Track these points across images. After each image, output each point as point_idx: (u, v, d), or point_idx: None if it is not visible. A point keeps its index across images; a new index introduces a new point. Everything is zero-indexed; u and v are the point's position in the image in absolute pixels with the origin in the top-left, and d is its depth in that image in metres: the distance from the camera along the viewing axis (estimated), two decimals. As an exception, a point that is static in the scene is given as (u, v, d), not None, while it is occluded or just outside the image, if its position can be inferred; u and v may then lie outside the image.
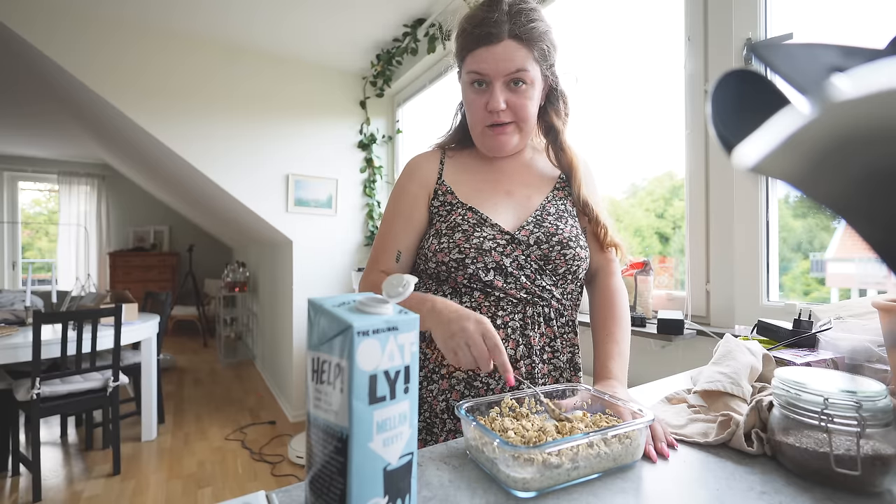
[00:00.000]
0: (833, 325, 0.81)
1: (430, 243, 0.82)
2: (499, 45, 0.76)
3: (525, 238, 0.80)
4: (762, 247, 1.31)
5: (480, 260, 0.78)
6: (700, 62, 1.45)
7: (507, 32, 0.75)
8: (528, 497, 0.47)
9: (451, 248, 0.79)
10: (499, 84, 0.78)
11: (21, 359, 2.19)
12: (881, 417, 0.47)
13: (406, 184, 0.88)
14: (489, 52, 0.76)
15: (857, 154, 0.19)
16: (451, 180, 0.87)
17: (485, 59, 0.77)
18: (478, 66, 0.77)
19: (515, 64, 0.76)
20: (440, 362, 0.80)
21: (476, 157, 0.90)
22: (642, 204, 1.94)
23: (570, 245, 0.81)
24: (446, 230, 0.81)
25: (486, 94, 0.79)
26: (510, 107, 0.79)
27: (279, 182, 3.08)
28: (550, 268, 0.80)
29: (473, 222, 0.80)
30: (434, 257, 0.80)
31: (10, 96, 3.88)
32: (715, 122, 0.28)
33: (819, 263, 1.31)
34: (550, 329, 0.82)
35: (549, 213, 0.84)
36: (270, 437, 2.92)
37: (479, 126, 0.83)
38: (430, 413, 0.79)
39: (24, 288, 2.97)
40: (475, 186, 0.86)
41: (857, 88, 0.18)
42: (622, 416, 0.59)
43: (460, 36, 0.81)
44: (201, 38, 2.84)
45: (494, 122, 0.81)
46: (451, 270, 0.79)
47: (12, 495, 2.25)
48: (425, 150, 0.94)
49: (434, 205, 0.86)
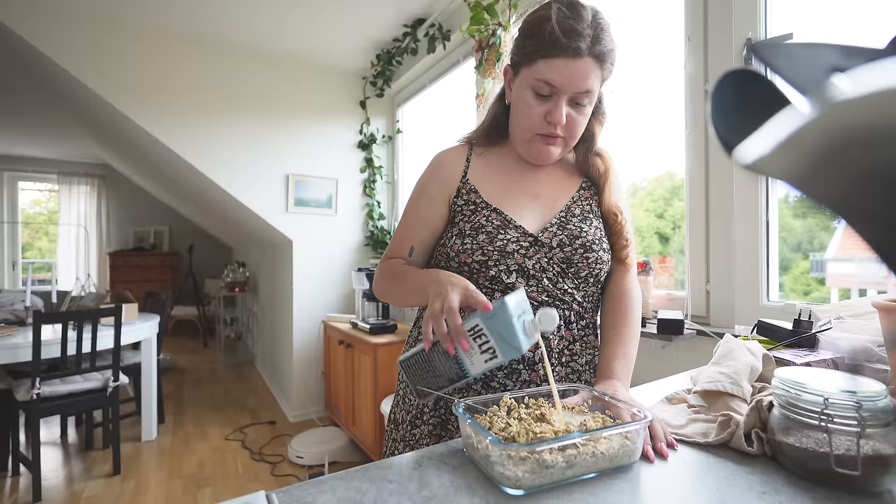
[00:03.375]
0: (833, 325, 0.81)
1: (452, 242, 0.81)
2: (579, 60, 0.72)
3: (548, 240, 0.79)
4: (762, 247, 1.31)
5: (503, 262, 0.77)
6: (700, 62, 1.45)
7: (587, 50, 0.72)
8: (522, 495, 0.47)
9: (475, 249, 0.78)
10: (565, 98, 0.75)
11: (21, 359, 2.19)
12: (881, 417, 0.47)
13: (429, 180, 0.87)
14: (568, 65, 0.72)
15: (858, 154, 0.19)
16: (476, 179, 0.85)
17: (560, 72, 0.73)
18: (552, 77, 0.73)
19: (588, 84, 0.74)
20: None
21: (505, 157, 0.88)
22: (642, 204, 1.94)
23: (593, 248, 0.80)
24: (470, 231, 0.80)
25: (549, 105, 0.76)
26: (567, 122, 0.77)
27: (279, 182, 3.08)
28: (573, 271, 0.79)
29: (497, 224, 0.79)
30: (457, 257, 0.80)
31: (10, 96, 3.88)
32: (715, 122, 0.28)
33: (819, 263, 1.31)
34: (570, 332, 0.81)
35: (574, 214, 0.83)
36: (270, 437, 2.92)
37: (529, 133, 0.80)
38: (447, 411, 0.80)
39: (24, 288, 2.97)
40: (501, 187, 0.85)
41: (858, 88, 0.18)
42: (621, 417, 0.59)
43: (536, 36, 0.74)
44: (201, 38, 2.84)
45: (549, 133, 0.78)
46: (473, 272, 0.79)
47: (12, 495, 2.25)
48: (452, 146, 0.92)
49: (457, 203, 0.84)
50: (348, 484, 0.49)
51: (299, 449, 2.60)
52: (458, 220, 0.83)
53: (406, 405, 0.85)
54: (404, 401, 0.86)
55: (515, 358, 0.69)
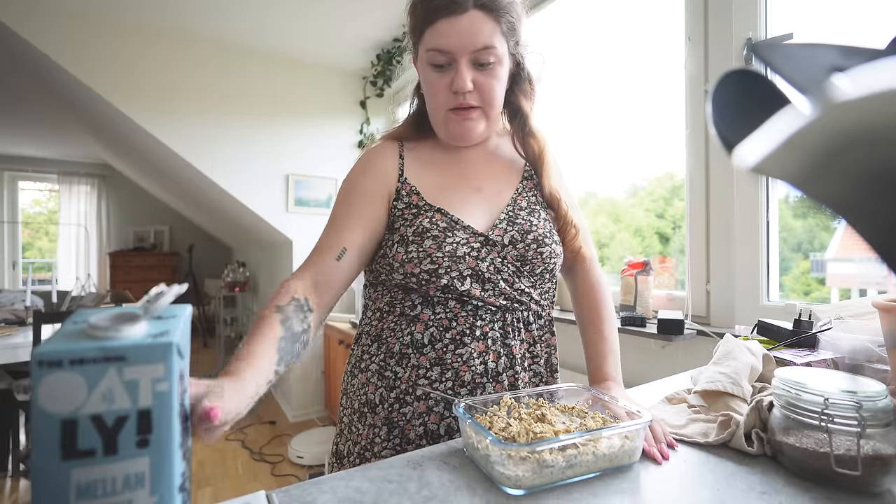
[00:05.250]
0: (833, 325, 0.81)
1: (395, 252, 0.72)
2: (463, 15, 0.66)
3: (499, 238, 0.73)
4: (762, 247, 1.31)
5: (455, 268, 0.70)
6: (700, 62, 1.45)
7: (472, 2, 0.66)
8: (522, 495, 0.47)
9: (422, 257, 0.69)
10: (464, 61, 0.69)
11: (21, 359, 2.19)
12: (881, 417, 0.47)
13: (359, 178, 0.77)
14: (452, 24, 0.67)
15: (858, 154, 0.19)
16: (414, 178, 0.77)
17: (447, 34, 0.67)
18: (439, 42, 0.68)
19: (483, 38, 0.67)
20: (415, 383, 0.71)
21: (438, 149, 0.81)
22: (642, 204, 1.94)
23: (545, 242, 0.75)
24: (413, 237, 0.71)
25: (450, 74, 0.70)
26: (477, 88, 0.71)
27: (279, 182, 3.08)
28: (528, 268, 0.74)
29: (443, 226, 0.71)
30: (402, 268, 0.71)
31: (10, 96, 3.88)
32: (715, 122, 0.28)
33: (819, 263, 1.31)
34: (530, 334, 0.77)
35: (521, 207, 0.77)
36: (270, 437, 2.92)
37: (441, 111, 0.74)
38: (402, 440, 0.70)
39: (25, 288, 2.97)
40: (441, 183, 0.77)
41: (858, 88, 0.18)
42: (620, 418, 0.59)
43: (416, 7, 0.71)
44: (201, 38, 2.84)
45: (459, 104, 0.72)
46: (422, 282, 0.70)
47: (12, 495, 2.25)
48: (377, 143, 0.83)
49: (397, 207, 0.75)
50: (348, 484, 0.49)
51: (299, 449, 2.60)
52: (399, 226, 0.74)
53: (353, 434, 0.74)
54: (350, 429, 0.75)
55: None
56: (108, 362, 0.28)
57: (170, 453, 0.30)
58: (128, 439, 0.29)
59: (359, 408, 0.74)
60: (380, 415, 0.71)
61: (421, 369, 0.71)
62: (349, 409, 0.77)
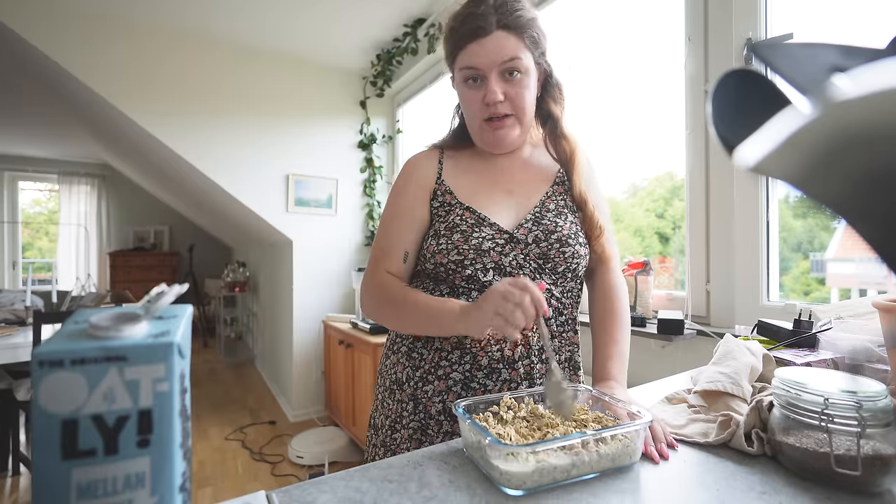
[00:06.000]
0: (833, 325, 0.81)
1: (428, 244, 0.81)
2: (488, 37, 0.75)
3: (524, 236, 0.79)
4: (762, 247, 1.31)
5: (479, 261, 0.77)
6: (700, 62, 1.45)
7: (495, 24, 0.75)
8: (522, 495, 0.47)
9: (450, 249, 0.77)
10: (493, 76, 0.77)
11: (21, 359, 2.19)
12: (881, 417, 0.47)
13: (404, 185, 0.87)
14: (480, 45, 0.76)
15: (858, 154, 0.19)
16: (450, 180, 0.85)
17: (476, 53, 0.76)
18: (470, 61, 0.77)
19: (508, 53, 0.75)
20: (437, 363, 0.78)
21: (475, 157, 0.89)
22: (642, 204, 1.94)
23: (568, 242, 0.79)
24: (445, 231, 0.79)
25: (482, 89, 0.78)
26: (507, 98, 0.78)
27: (279, 182, 3.08)
28: (550, 266, 0.79)
29: (472, 222, 0.79)
30: (433, 258, 0.79)
31: (10, 96, 3.88)
32: (715, 122, 0.28)
33: (819, 263, 1.31)
34: (549, 329, 0.80)
35: (549, 209, 0.82)
36: (270, 437, 2.92)
37: (476, 122, 0.82)
38: (426, 415, 0.77)
39: (25, 288, 2.97)
40: (474, 186, 0.85)
41: (858, 88, 0.18)
42: (621, 418, 0.59)
43: (449, 36, 0.80)
44: (200, 39, 2.84)
45: (492, 114, 0.79)
46: (449, 272, 0.78)
47: (12, 495, 2.25)
48: (422, 150, 0.92)
49: (433, 205, 0.84)
50: (348, 484, 0.49)
51: (299, 449, 2.60)
52: (435, 222, 0.83)
53: (385, 409, 0.84)
54: (383, 405, 0.85)
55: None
56: (109, 362, 0.28)
57: (170, 453, 0.30)
58: (128, 439, 0.29)
59: (389, 385, 0.84)
60: (406, 391, 0.80)
61: (443, 352, 0.78)
62: (382, 387, 0.87)
